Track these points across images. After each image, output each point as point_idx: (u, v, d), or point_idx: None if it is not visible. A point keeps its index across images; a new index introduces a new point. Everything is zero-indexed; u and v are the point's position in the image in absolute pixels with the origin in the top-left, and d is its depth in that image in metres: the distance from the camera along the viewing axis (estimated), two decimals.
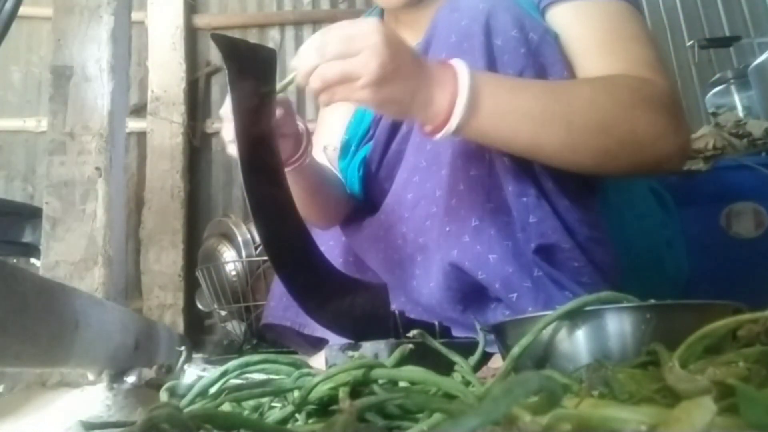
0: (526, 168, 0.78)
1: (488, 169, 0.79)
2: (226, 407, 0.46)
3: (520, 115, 0.70)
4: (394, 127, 0.95)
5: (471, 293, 0.83)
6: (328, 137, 1.11)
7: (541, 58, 0.78)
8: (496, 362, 0.77)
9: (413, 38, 1.01)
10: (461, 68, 0.68)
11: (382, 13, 1.12)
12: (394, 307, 0.77)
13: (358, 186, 1.03)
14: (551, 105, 0.71)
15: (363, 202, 1.03)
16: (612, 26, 0.81)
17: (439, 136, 0.69)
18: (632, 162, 0.76)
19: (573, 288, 0.77)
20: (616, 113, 0.72)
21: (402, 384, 0.46)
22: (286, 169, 0.86)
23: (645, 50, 0.80)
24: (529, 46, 0.78)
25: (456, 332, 0.85)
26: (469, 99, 0.67)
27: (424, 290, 0.87)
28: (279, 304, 1.08)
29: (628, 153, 0.74)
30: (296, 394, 0.43)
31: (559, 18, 0.83)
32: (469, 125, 0.68)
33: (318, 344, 1.04)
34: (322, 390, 0.43)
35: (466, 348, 0.63)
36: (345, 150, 1.05)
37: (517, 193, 0.78)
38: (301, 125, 0.88)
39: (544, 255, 0.78)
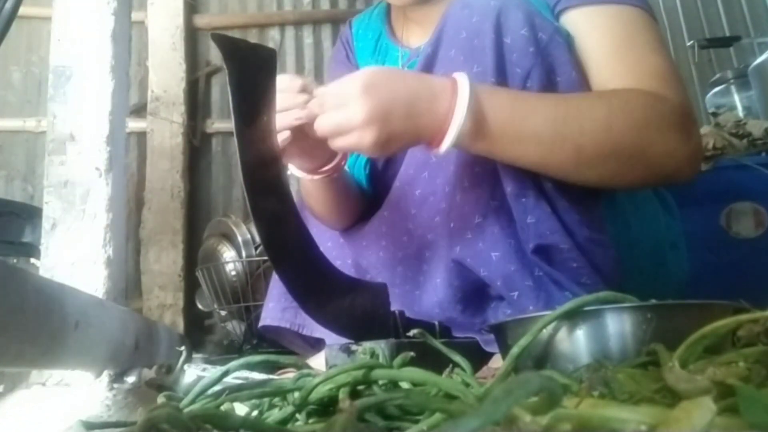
0: (525, 170, 0.78)
1: (492, 168, 0.79)
2: (227, 407, 0.46)
3: (528, 138, 0.71)
4: None
5: (471, 291, 0.83)
6: None
7: (550, 57, 0.78)
8: (496, 362, 0.77)
9: (422, 35, 1.01)
10: (462, 85, 0.68)
11: (388, 9, 1.12)
12: (394, 307, 0.77)
13: (365, 184, 1.03)
14: (562, 129, 0.71)
15: (371, 199, 1.03)
16: (625, 34, 0.81)
17: (438, 150, 0.70)
18: (641, 179, 0.77)
19: (573, 288, 0.77)
20: (629, 137, 0.72)
21: (402, 385, 0.46)
22: (317, 177, 0.87)
23: (658, 60, 0.80)
24: (538, 45, 0.78)
25: (455, 332, 0.85)
26: (469, 117, 0.67)
27: (429, 286, 0.87)
28: (277, 305, 1.07)
29: (637, 172, 0.75)
30: (296, 394, 0.43)
31: (573, 23, 0.83)
32: (474, 144, 0.70)
33: (317, 345, 1.04)
34: (322, 390, 0.43)
35: (467, 348, 0.63)
36: None
37: (516, 193, 0.78)
38: None
39: (542, 255, 0.78)
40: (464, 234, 0.81)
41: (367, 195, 1.05)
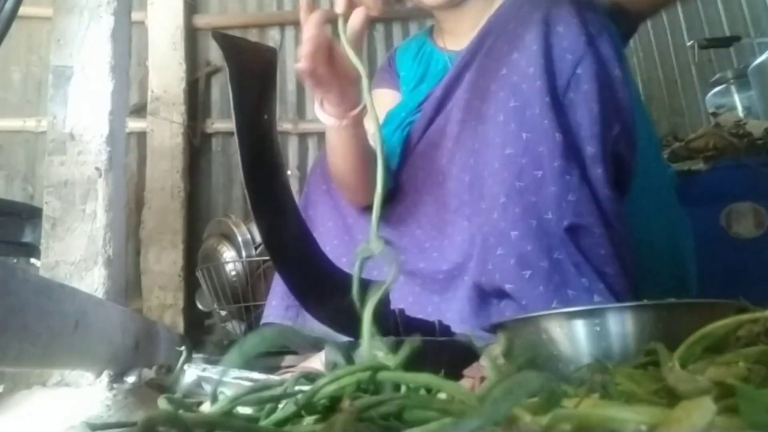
0: (576, 151, 0.80)
1: (523, 149, 0.81)
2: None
3: None
4: (442, 103, 0.98)
5: (483, 288, 0.85)
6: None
7: (599, 50, 0.81)
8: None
9: (456, 45, 1.06)
10: None
11: (431, 30, 1.18)
12: (394, 306, 0.77)
13: (397, 156, 1.05)
14: None
15: (396, 172, 1.05)
16: None
17: None
18: None
19: (592, 276, 0.78)
20: None
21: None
22: (345, 122, 0.88)
23: None
24: (589, 36, 0.81)
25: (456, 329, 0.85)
26: None
27: (451, 255, 0.90)
28: (280, 303, 1.08)
29: None
30: (299, 397, 0.43)
31: None
32: None
33: (319, 344, 1.04)
34: (325, 392, 0.43)
35: (467, 346, 0.63)
36: (393, 118, 1.07)
37: (562, 169, 0.79)
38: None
39: (573, 236, 0.79)
40: (492, 213, 0.83)
41: (391, 171, 1.05)
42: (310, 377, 0.48)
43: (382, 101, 1.17)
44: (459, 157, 0.91)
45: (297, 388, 0.45)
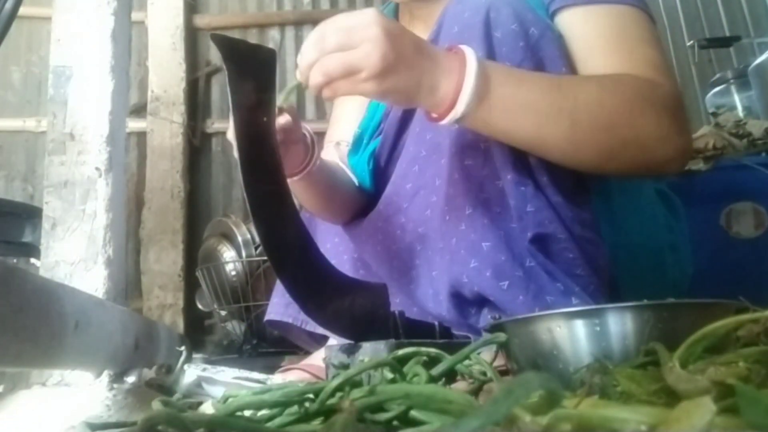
0: (523, 160, 0.79)
1: (483, 160, 0.80)
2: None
3: (525, 107, 0.71)
4: (403, 122, 0.95)
5: (461, 293, 0.83)
6: (341, 133, 1.11)
7: (540, 52, 0.79)
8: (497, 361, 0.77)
9: (427, 32, 1.02)
10: (470, 54, 0.68)
11: (396, 8, 1.14)
12: (394, 307, 0.77)
13: (368, 180, 1.03)
14: (558, 100, 0.71)
15: (373, 197, 1.04)
16: (619, 28, 0.82)
17: (444, 122, 0.69)
18: (633, 162, 0.77)
19: (566, 280, 0.78)
20: (621, 113, 0.73)
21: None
22: (297, 177, 0.87)
23: (650, 51, 0.81)
24: (528, 41, 0.79)
25: (455, 331, 0.85)
26: (476, 86, 0.67)
27: (422, 280, 0.87)
28: (281, 301, 1.08)
29: (629, 153, 0.75)
30: (307, 404, 0.42)
31: (567, 21, 0.84)
32: (475, 114, 0.69)
33: (322, 340, 1.04)
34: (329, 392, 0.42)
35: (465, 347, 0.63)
36: (357, 144, 1.06)
37: (516, 181, 0.78)
38: (307, 132, 0.89)
39: (539, 245, 0.79)
40: (458, 225, 0.82)
41: (367, 190, 1.05)
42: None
43: (352, 107, 1.14)
44: (414, 172, 0.89)
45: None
